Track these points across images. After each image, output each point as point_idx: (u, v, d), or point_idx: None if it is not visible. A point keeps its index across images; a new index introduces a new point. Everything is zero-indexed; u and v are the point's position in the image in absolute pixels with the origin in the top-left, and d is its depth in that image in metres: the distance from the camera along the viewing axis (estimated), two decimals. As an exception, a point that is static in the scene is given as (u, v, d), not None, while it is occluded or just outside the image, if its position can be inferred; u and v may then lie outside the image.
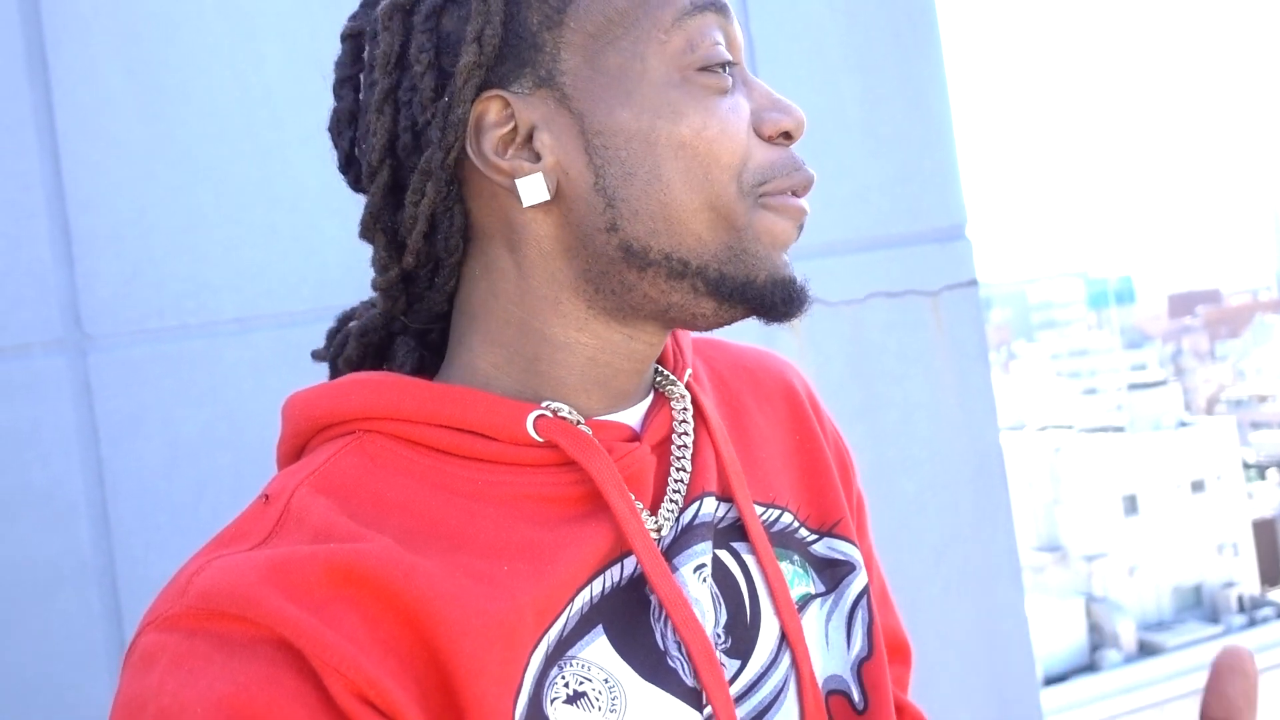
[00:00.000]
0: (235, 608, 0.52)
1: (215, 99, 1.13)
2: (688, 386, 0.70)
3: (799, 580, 0.70)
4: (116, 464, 1.10)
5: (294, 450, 0.65)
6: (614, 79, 0.60)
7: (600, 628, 0.60)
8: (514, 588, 0.57)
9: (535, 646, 0.57)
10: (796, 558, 0.70)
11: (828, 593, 0.71)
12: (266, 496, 0.60)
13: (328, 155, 0.71)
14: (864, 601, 0.72)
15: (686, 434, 0.68)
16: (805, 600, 0.69)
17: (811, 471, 0.74)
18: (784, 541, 0.70)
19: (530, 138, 0.61)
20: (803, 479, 0.74)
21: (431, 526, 0.58)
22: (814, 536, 0.72)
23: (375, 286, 0.67)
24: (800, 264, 1.26)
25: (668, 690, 0.60)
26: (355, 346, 0.69)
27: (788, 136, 0.65)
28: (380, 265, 0.66)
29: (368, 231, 0.66)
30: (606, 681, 0.58)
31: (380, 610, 0.54)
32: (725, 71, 0.62)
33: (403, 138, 0.62)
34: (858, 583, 0.72)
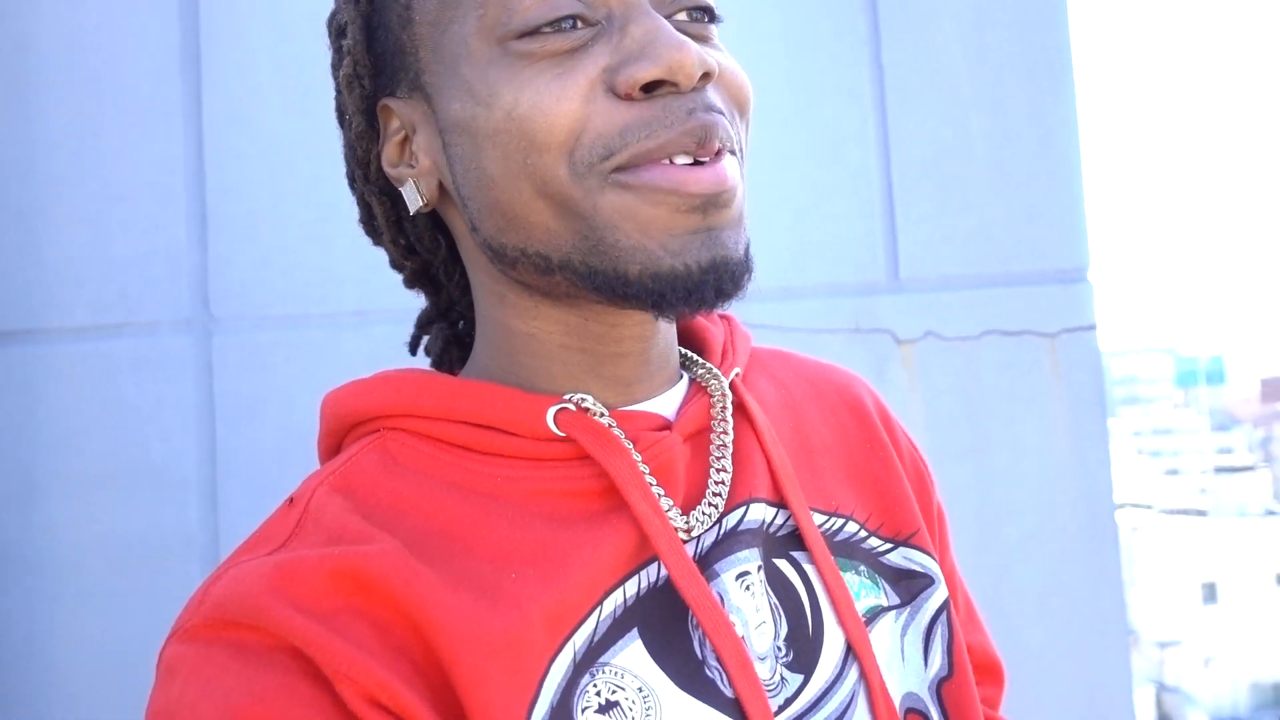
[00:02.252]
0: (248, 617, 0.52)
1: (353, 98, 1.16)
2: (732, 386, 0.66)
3: (867, 591, 0.65)
4: (230, 445, 1.13)
5: (331, 449, 0.65)
6: (450, 67, 0.56)
7: (635, 632, 0.56)
8: (520, 597, 0.54)
9: (556, 654, 0.54)
10: (864, 568, 0.66)
11: (902, 605, 0.66)
12: (291, 499, 0.59)
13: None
14: (944, 617, 0.67)
15: (726, 430, 0.63)
16: (875, 612, 0.64)
17: (882, 481, 0.70)
18: (849, 551, 0.65)
19: (413, 141, 0.60)
20: (873, 489, 0.69)
21: (444, 528, 0.57)
22: (887, 546, 0.67)
23: (405, 284, 0.71)
24: (917, 298, 1.25)
25: (705, 700, 0.56)
26: (430, 338, 0.73)
27: (661, 87, 0.53)
28: (394, 266, 0.70)
29: (372, 239, 0.69)
30: (640, 690, 0.55)
31: (389, 616, 0.53)
32: (571, 29, 0.53)
33: (354, 163, 0.66)
34: (936, 597, 0.67)
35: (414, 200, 0.61)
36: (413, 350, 0.74)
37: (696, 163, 0.54)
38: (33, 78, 1.14)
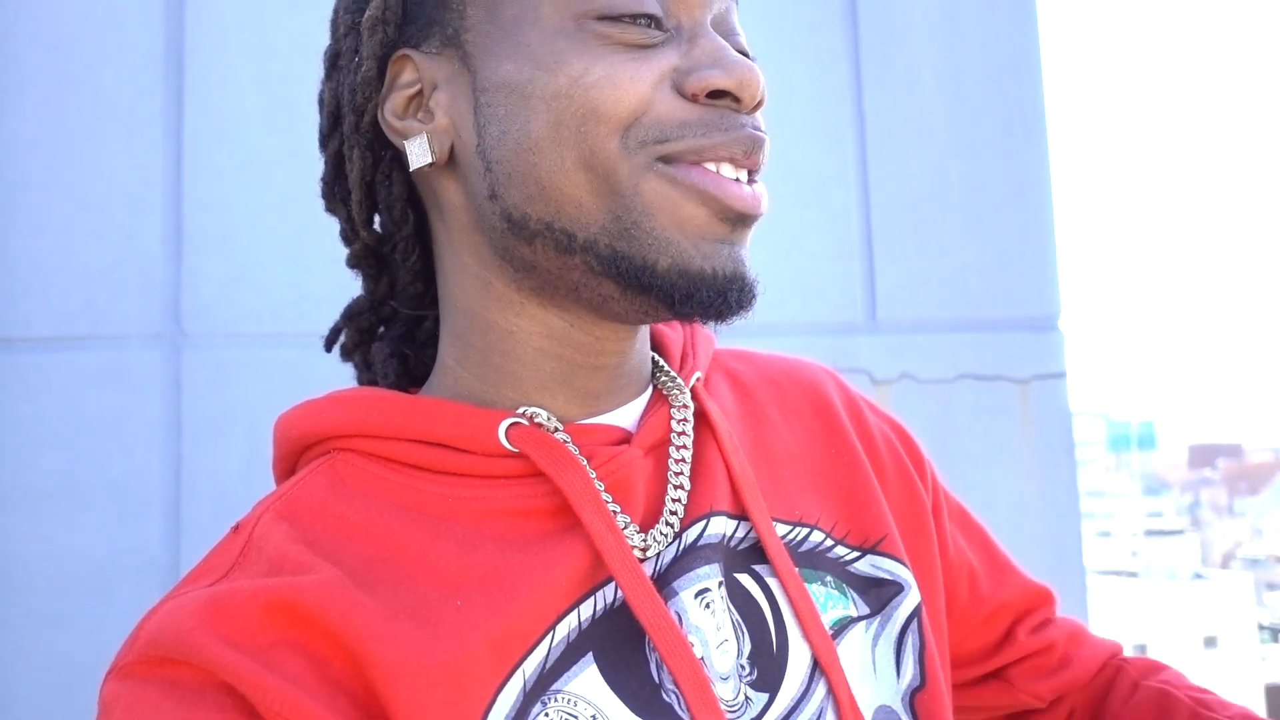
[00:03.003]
0: (179, 653, 0.50)
1: (339, 117, 1.16)
2: (694, 393, 0.64)
3: (834, 602, 0.63)
4: (196, 463, 1.10)
5: (285, 471, 0.63)
6: (507, 31, 0.56)
7: (590, 656, 0.54)
8: (463, 628, 0.52)
9: (504, 684, 0.52)
10: (830, 578, 0.64)
11: (872, 615, 0.64)
12: (237, 526, 0.58)
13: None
14: (914, 625, 0.65)
15: (686, 442, 0.62)
16: (844, 623, 0.63)
17: (848, 487, 0.67)
18: (814, 561, 0.63)
19: (430, 97, 0.58)
20: (838, 495, 0.67)
21: (390, 555, 0.55)
22: (854, 554, 0.65)
23: (346, 262, 0.67)
24: (894, 339, 1.26)
25: None
26: (348, 332, 0.69)
27: (723, 98, 0.55)
28: (343, 238, 0.66)
29: (328, 204, 0.65)
30: (594, 718, 0.53)
31: (326, 649, 0.51)
32: (647, 26, 0.55)
33: (343, 105, 0.61)
34: (907, 605, 0.65)
35: (423, 155, 0.58)
36: (328, 346, 0.70)
37: (738, 180, 0.56)
38: (9, 78, 1.12)
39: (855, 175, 1.25)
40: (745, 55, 0.60)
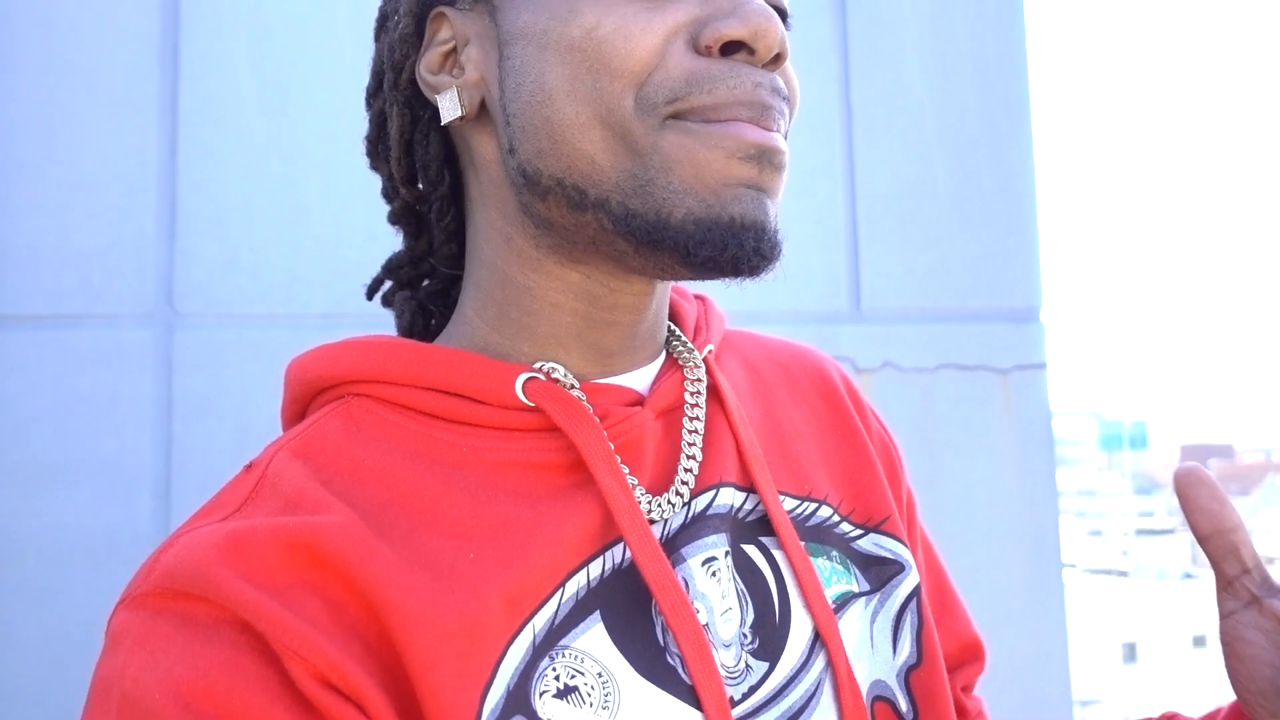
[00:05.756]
0: (197, 588, 0.50)
1: (333, 100, 1.17)
2: (705, 363, 0.64)
3: (838, 577, 0.63)
4: (186, 441, 1.11)
5: (295, 416, 0.63)
6: None
7: (598, 614, 0.55)
8: (476, 579, 0.53)
9: (515, 636, 0.52)
10: (835, 553, 0.64)
11: (872, 592, 0.65)
12: (250, 465, 0.58)
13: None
14: (913, 604, 0.66)
15: (699, 409, 0.62)
16: (845, 598, 0.63)
17: (854, 466, 0.68)
18: (821, 536, 0.64)
19: (461, 52, 0.59)
20: (845, 473, 0.68)
21: (404, 499, 0.55)
22: (858, 532, 0.66)
23: (388, 219, 0.68)
24: (878, 328, 1.28)
25: (664, 688, 0.54)
26: (391, 282, 0.70)
27: (737, 50, 0.54)
28: (384, 195, 0.67)
29: (371, 161, 0.66)
30: (600, 675, 0.53)
31: (344, 594, 0.51)
32: None
33: (386, 66, 0.63)
34: (907, 584, 0.66)
35: (453, 109, 0.58)
36: (370, 295, 0.71)
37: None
38: (2, 60, 1.13)
39: (842, 166, 1.27)
40: (781, 11, 0.58)
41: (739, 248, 0.53)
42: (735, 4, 0.54)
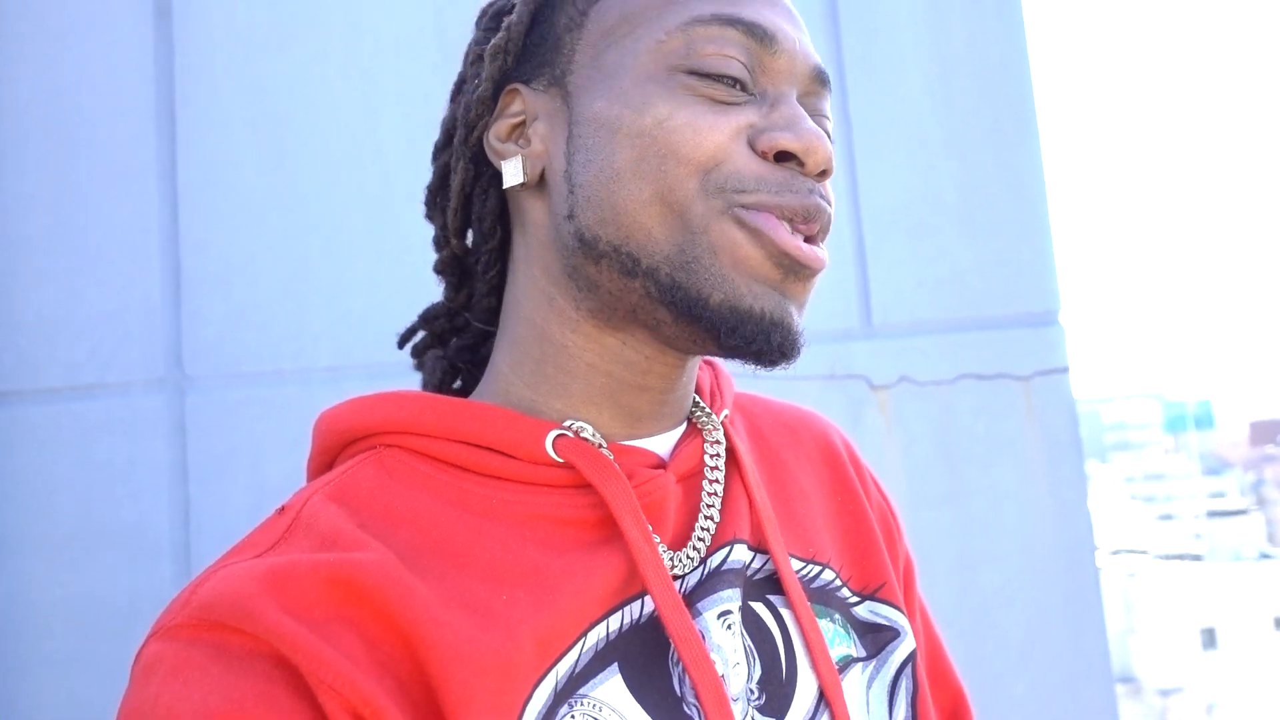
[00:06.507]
0: (234, 620, 0.51)
1: (330, 156, 1.18)
2: (724, 427, 0.68)
3: (840, 640, 0.66)
4: (203, 504, 1.12)
5: (322, 466, 0.65)
6: (606, 75, 0.61)
7: (616, 666, 0.57)
8: (511, 619, 0.54)
9: (540, 680, 0.54)
10: (838, 617, 0.67)
11: (869, 658, 0.67)
12: (283, 508, 0.59)
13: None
14: (909, 670, 0.68)
15: (718, 470, 0.65)
16: (846, 662, 0.66)
17: (854, 533, 0.71)
18: (825, 599, 0.67)
19: (530, 126, 0.64)
20: (845, 539, 0.71)
21: (437, 544, 0.57)
22: (856, 598, 0.69)
23: (434, 268, 0.72)
24: (891, 343, 1.25)
25: None
26: (424, 334, 0.73)
27: (789, 161, 0.59)
28: (435, 245, 0.71)
29: (429, 210, 0.71)
30: None
31: (379, 630, 0.53)
32: (732, 86, 0.59)
33: (458, 123, 0.68)
34: (902, 650, 0.69)
35: (516, 174, 0.63)
36: (401, 344, 0.74)
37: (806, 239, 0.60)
38: (7, 136, 1.15)
39: (844, 181, 1.25)
40: (823, 85, 0.65)
41: (765, 342, 0.58)
42: (790, 120, 0.59)
